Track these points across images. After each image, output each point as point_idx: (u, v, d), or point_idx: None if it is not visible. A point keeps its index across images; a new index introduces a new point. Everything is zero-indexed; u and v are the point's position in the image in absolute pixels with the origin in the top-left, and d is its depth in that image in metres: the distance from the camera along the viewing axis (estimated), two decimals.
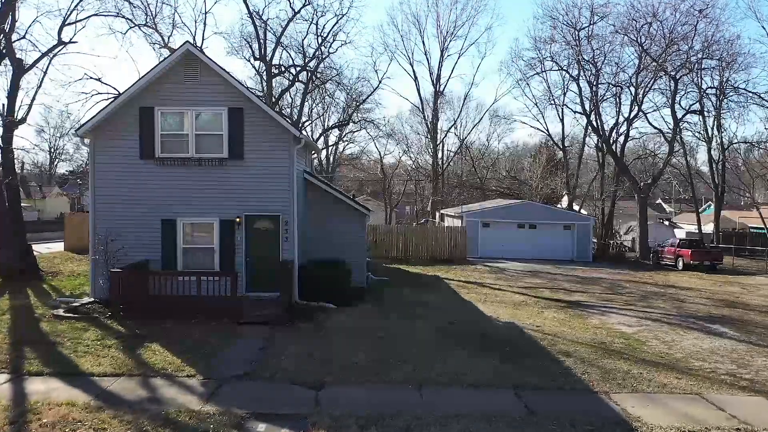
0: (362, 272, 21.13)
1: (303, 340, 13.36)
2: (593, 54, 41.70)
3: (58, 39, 25.17)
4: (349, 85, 47.81)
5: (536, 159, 55.42)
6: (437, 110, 55.38)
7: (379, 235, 33.42)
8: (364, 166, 68.26)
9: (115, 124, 16.89)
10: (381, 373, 11.26)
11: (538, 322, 16.95)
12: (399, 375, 11.17)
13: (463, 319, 16.77)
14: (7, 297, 17.38)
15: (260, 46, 39.56)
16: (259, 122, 16.96)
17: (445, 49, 55.28)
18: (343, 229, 20.76)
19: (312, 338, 13.55)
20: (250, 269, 17.21)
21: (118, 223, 16.77)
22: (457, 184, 58.41)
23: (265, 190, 17.03)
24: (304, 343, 13.10)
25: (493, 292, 22.55)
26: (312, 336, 13.77)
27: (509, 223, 36.60)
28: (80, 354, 11.69)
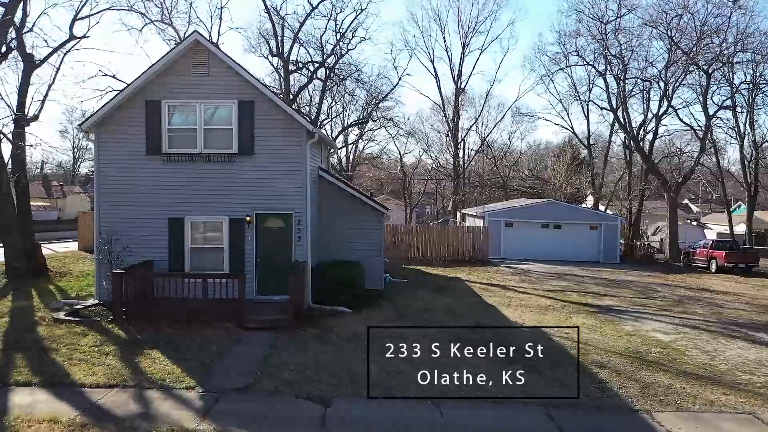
0: (379, 274, 20.16)
1: (311, 347, 12.43)
2: (620, 48, 40.27)
3: (70, 34, 24.61)
4: (369, 82, 46.87)
5: (560, 157, 53.97)
6: (458, 108, 54.20)
7: (398, 235, 32.47)
8: (383, 166, 67.30)
9: (120, 118, 16.13)
10: (396, 386, 10.30)
11: (567, 328, 15.83)
12: (416, 388, 10.20)
13: (485, 325, 15.72)
14: (10, 298, 16.73)
15: (277, 42, 38.84)
16: (271, 116, 16.08)
17: (466, 45, 54.10)
18: (359, 228, 19.82)
19: (321, 345, 12.61)
20: (260, 271, 16.34)
21: (123, 221, 16.02)
22: (478, 183, 57.19)
23: (276, 188, 16.15)
24: (313, 350, 12.18)
25: (517, 295, 21.43)
26: (321, 343, 12.83)
27: (533, 223, 35.38)
28: (74, 362, 10.90)
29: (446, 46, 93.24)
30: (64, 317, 14.08)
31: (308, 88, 46.67)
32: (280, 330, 13.58)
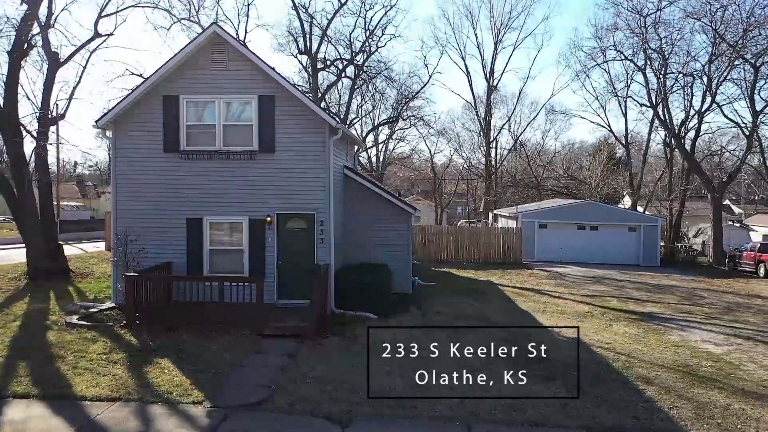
0: (407, 277, 19.25)
1: (332, 358, 11.58)
2: (660, 42, 38.50)
3: (95, 31, 24.22)
4: (399, 80, 46.00)
5: (596, 157, 52.25)
6: (490, 106, 52.91)
7: (427, 236, 31.55)
8: (414, 166, 66.28)
9: (137, 114, 15.55)
10: (422, 404, 9.38)
11: (608, 338, 14.71)
12: (444, 407, 9.28)
13: (520, 334, 14.64)
14: (26, 300, 16.30)
15: (305, 40, 38.19)
16: (293, 111, 15.31)
17: (499, 41, 52.80)
18: (386, 229, 18.95)
19: (343, 356, 11.73)
20: (281, 274, 15.58)
21: (140, 221, 15.45)
22: (511, 183, 55.80)
23: (298, 187, 15.37)
24: (334, 362, 11.32)
25: (553, 300, 20.28)
26: (343, 353, 11.95)
27: (568, 224, 34.00)
28: (79, 371, 10.24)
29: (478, 42, 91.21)
30: (76, 321, 13.51)
31: (337, 87, 46.03)
32: (301, 338, 12.77)
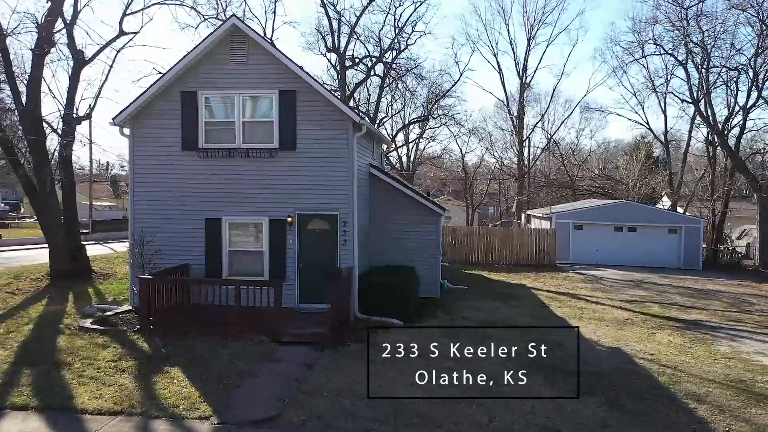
0: (435, 280, 18.43)
1: (352, 368, 10.81)
2: (703, 35, 36.84)
3: (120, 29, 23.97)
4: (429, 78, 45.08)
5: (633, 155, 50.53)
6: (523, 104, 51.50)
7: (458, 237, 30.63)
8: (445, 166, 65.19)
9: (154, 111, 15.05)
10: (448, 422, 8.54)
11: (651, 348, 13.66)
12: (473, 427, 8.41)
13: (555, 342, 13.69)
14: (44, 302, 15.95)
15: (333, 38, 37.63)
16: (314, 107, 14.62)
17: (532, 37, 51.32)
18: (413, 230, 18.17)
19: (363, 366, 10.89)
20: (302, 277, 14.91)
21: (158, 222, 14.96)
22: (544, 183, 54.37)
23: (320, 186, 14.67)
24: (353, 373, 10.55)
25: (590, 306, 19.20)
26: (364, 363, 11.11)
27: (605, 225, 32.69)
28: (84, 380, 9.68)
29: (510, 39, 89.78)
30: (89, 325, 13.04)
31: (366, 86, 45.38)
32: (320, 345, 12.06)
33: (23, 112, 19.39)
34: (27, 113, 19.31)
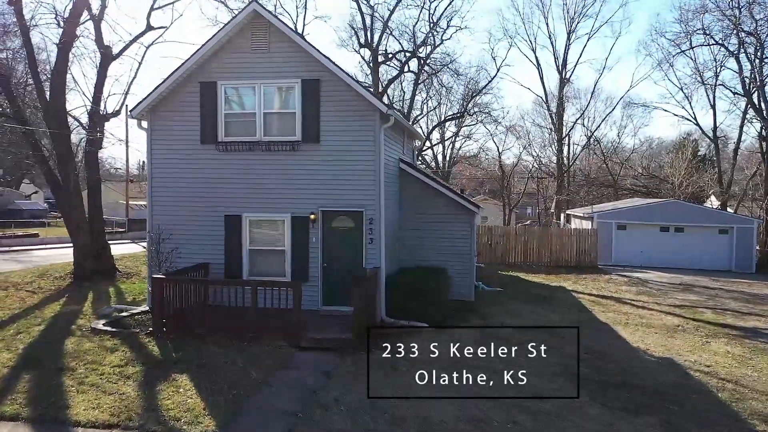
0: (468, 282, 17.34)
1: (376, 377, 9.84)
2: (756, 24, 34.82)
3: (147, 24, 23.56)
4: (465, 75, 43.85)
5: (679, 153, 48.36)
6: (563, 100, 49.74)
7: (494, 237, 29.40)
8: (482, 165, 63.72)
9: (173, 103, 14.38)
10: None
11: (707, 359, 12.35)
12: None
13: (600, 352, 12.54)
14: (62, 302, 15.45)
15: (366, 33, 36.78)
16: (339, 96, 13.73)
17: (572, 31, 49.42)
18: (446, 229, 17.13)
19: (388, 376, 9.98)
20: (326, 277, 14.04)
21: (177, 218, 14.30)
22: (584, 182, 52.48)
23: (345, 180, 13.78)
24: (376, 383, 9.58)
25: (636, 311, 17.85)
26: (389, 372, 10.20)
27: (650, 225, 31.00)
28: (85, 387, 8.97)
29: (549, 32, 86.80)
30: (102, 327, 12.40)
31: (401, 83, 44.44)
32: (341, 351, 11.14)
33: (48, 106, 19.01)
34: (51, 107, 18.93)
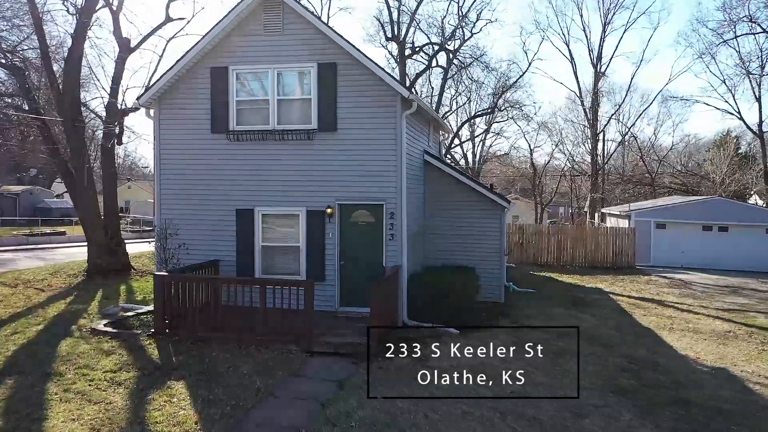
0: (498, 282, 16.16)
1: (393, 388, 8.76)
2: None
3: (166, 15, 22.89)
4: (496, 68, 42.45)
5: (720, 149, 46.21)
6: (597, 94, 47.92)
7: (525, 236, 28.07)
8: (513, 164, 62.11)
9: (182, 90, 13.54)
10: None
11: (765, 369, 11.00)
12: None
13: (645, 360, 11.28)
14: (68, 300, 14.76)
15: (392, 26, 35.72)
16: (358, 81, 12.71)
17: (607, 23, 47.54)
18: (473, 225, 16.01)
19: (408, 386, 8.88)
20: (344, 276, 13.03)
21: (185, 213, 13.49)
22: (620, 180, 50.56)
23: (364, 171, 12.75)
24: (395, 394, 8.48)
25: (681, 315, 16.46)
26: (409, 381, 9.08)
27: (692, 224, 29.29)
28: (69, 396, 8.09)
29: (584, 25, 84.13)
30: (102, 327, 11.58)
31: (429, 78, 43.29)
32: (358, 358, 10.09)
33: (62, 95, 18.39)
34: (65, 96, 18.30)
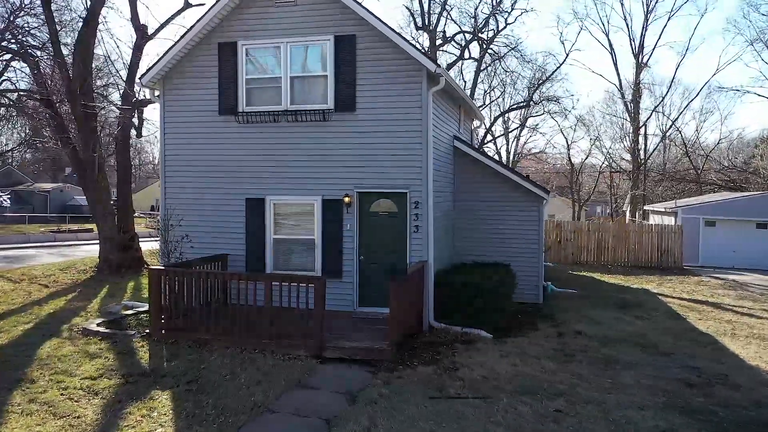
0: (536, 281, 14.66)
1: (414, 404, 7.36)
2: None
3: (185, 1, 21.93)
4: (531, 59, 40.64)
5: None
6: (639, 86, 45.59)
7: (564, 234, 26.38)
8: (549, 161, 60.01)
9: (188, 68, 12.40)
10: None
11: None
12: None
13: (710, 372, 9.66)
14: (69, 297, 13.80)
15: (423, 15, 34.27)
16: (378, 54, 11.39)
17: (650, 10, 45.02)
18: (508, 217, 14.56)
19: (432, 401, 7.48)
20: (363, 273, 11.71)
21: (192, 202, 12.36)
22: (662, 177, 48.14)
23: (385, 156, 11.41)
24: (414, 411, 7.11)
25: (741, 319, 14.70)
26: (433, 394, 7.69)
27: (744, 221, 27.21)
28: (34, 407, 6.95)
29: (625, 13, 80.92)
30: (95, 327, 10.51)
31: (461, 70, 41.73)
32: (374, 365, 8.77)
33: (71, 81, 17.50)
34: (74, 82, 17.41)
